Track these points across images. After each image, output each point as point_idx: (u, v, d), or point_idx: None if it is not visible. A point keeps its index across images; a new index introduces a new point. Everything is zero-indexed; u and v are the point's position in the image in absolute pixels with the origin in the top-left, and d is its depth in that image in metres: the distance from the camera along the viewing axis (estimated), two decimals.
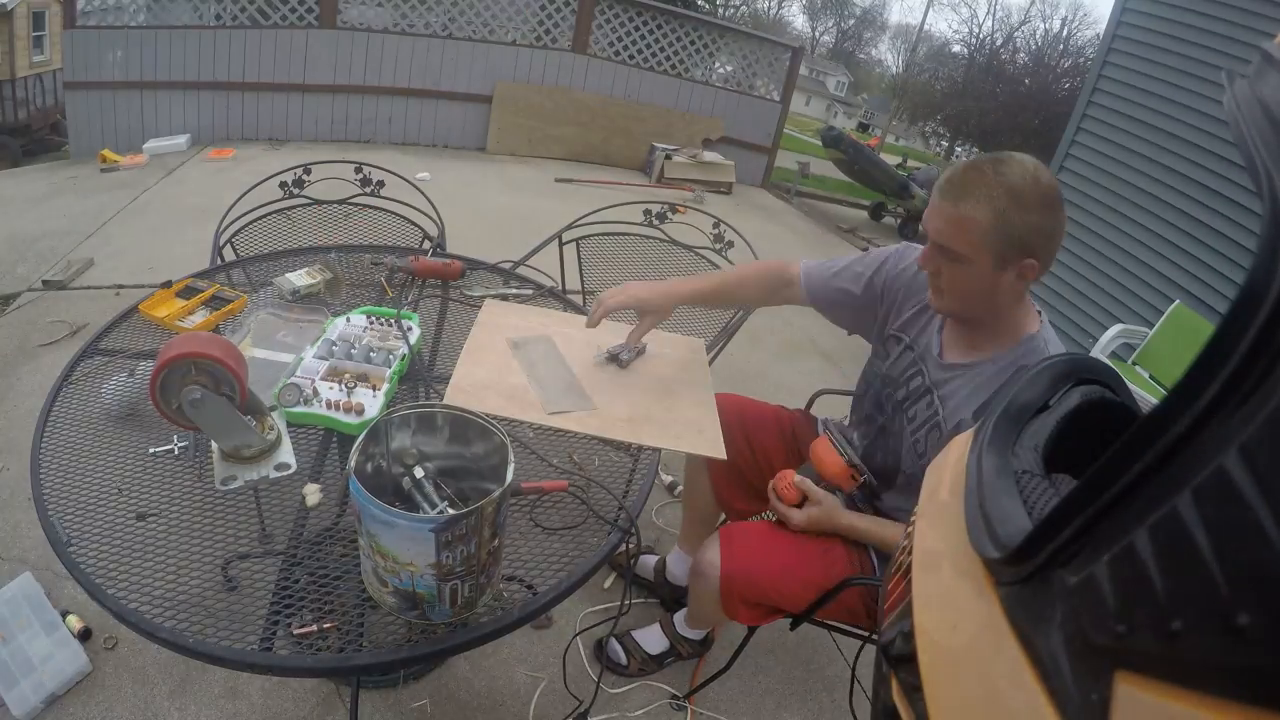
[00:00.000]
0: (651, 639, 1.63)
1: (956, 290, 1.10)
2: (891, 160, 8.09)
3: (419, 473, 0.91)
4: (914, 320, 1.27)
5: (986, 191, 1.00)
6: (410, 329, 1.27)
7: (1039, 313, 1.15)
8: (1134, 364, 3.30)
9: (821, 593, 1.21)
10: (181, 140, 5.28)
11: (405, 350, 1.21)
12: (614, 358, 1.34)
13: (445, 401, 1.11)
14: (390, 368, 1.16)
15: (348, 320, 1.28)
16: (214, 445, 0.98)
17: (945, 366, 1.19)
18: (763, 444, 1.49)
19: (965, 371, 1.16)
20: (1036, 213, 1.00)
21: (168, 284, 1.37)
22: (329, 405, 1.06)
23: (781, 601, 1.25)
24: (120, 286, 2.98)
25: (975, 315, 1.14)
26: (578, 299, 1.82)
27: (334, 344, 1.18)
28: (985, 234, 1.01)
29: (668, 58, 6.55)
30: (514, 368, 1.27)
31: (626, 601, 1.21)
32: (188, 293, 1.37)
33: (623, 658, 1.61)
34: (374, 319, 1.30)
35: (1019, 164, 1.01)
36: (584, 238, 2.06)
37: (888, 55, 47.59)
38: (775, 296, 1.44)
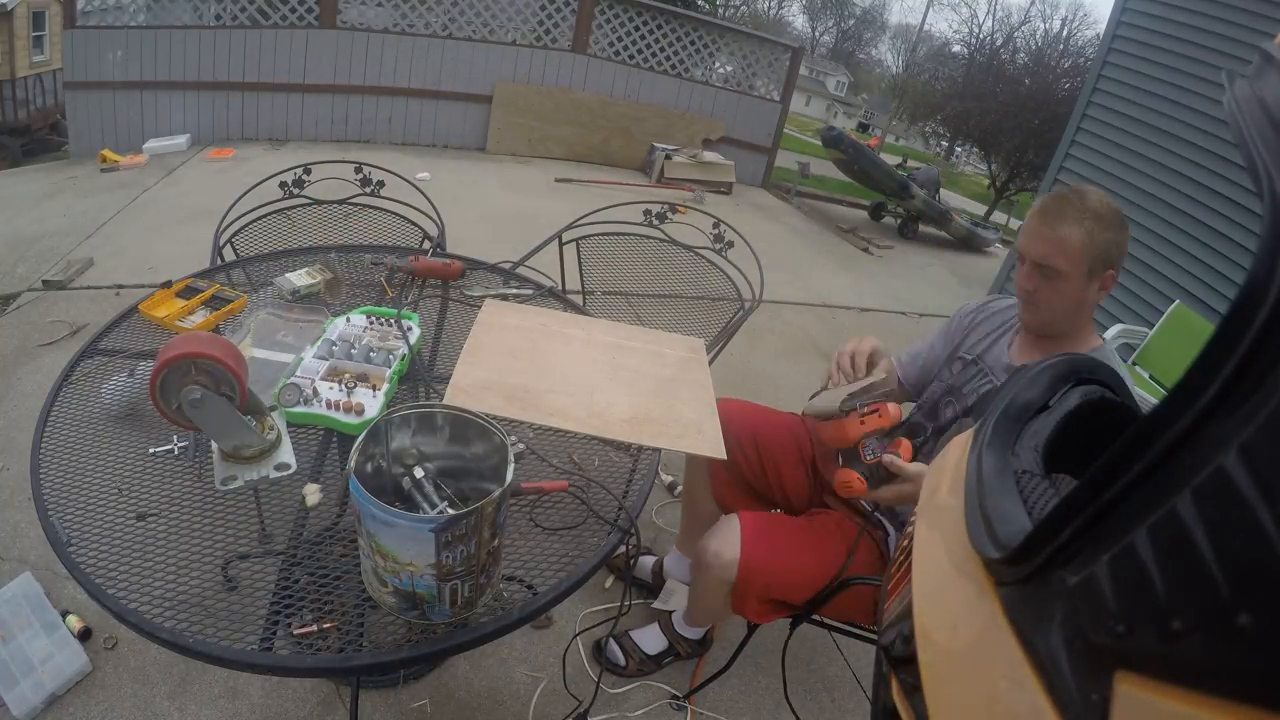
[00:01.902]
0: (650, 639, 1.63)
1: (1053, 303, 1.22)
2: (891, 160, 8.08)
3: (419, 473, 0.91)
4: (981, 343, 1.38)
5: (1076, 215, 1.16)
6: (410, 329, 1.27)
7: (1101, 338, 1.30)
8: (1134, 364, 3.30)
9: (828, 587, 1.22)
10: (181, 140, 5.28)
11: (405, 350, 1.21)
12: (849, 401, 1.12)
13: (445, 401, 1.11)
14: (390, 368, 1.16)
15: (348, 320, 1.28)
16: (214, 445, 0.98)
17: (1014, 368, 1.26)
18: (772, 450, 1.50)
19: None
20: (1114, 230, 1.17)
21: (168, 284, 1.37)
22: (329, 405, 1.06)
23: (793, 594, 1.25)
24: (120, 286, 2.98)
25: (1062, 328, 1.27)
26: (578, 299, 1.82)
27: (334, 344, 1.18)
28: (1080, 251, 1.16)
29: (668, 58, 6.55)
30: (514, 368, 1.27)
31: (625, 603, 1.21)
32: (188, 293, 1.37)
33: (621, 658, 1.61)
34: (374, 319, 1.30)
35: (1094, 192, 1.20)
36: (584, 238, 2.06)
37: (888, 55, 47.60)
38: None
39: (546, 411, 1.17)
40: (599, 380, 1.29)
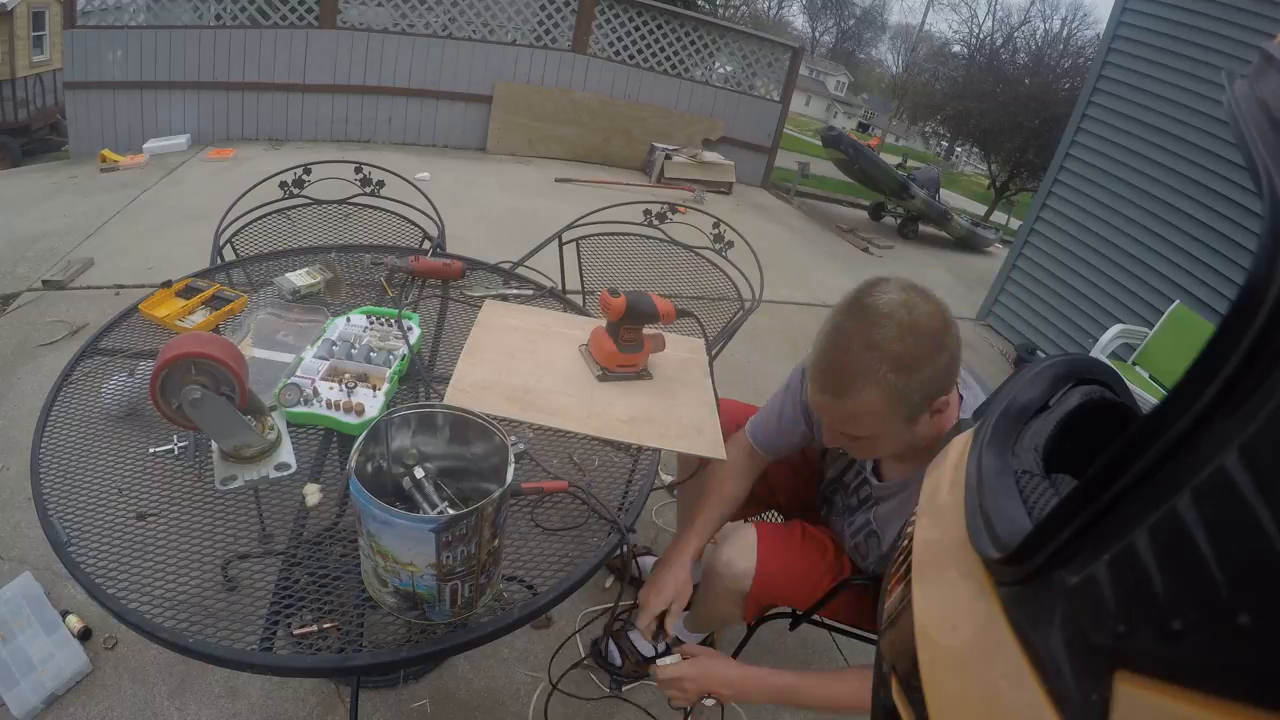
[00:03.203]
0: (648, 641, 1.62)
1: (874, 449, 1.11)
2: (891, 160, 8.09)
3: (419, 473, 0.91)
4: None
5: (868, 375, 0.91)
6: (410, 329, 1.27)
7: (960, 396, 1.07)
8: (1134, 364, 3.30)
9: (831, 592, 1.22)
10: (181, 140, 5.28)
11: (405, 350, 1.21)
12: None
13: (445, 402, 1.11)
14: (390, 368, 1.16)
15: (348, 320, 1.28)
16: (214, 445, 0.98)
17: (882, 486, 1.20)
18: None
19: (901, 490, 1.16)
20: (928, 363, 0.91)
21: (168, 283, 1.36)
22: (329, 405, 1.06)
23: (803, 602, 1.26)
24: (120, 286, 2.98)
25: (903, 456, 1.14)
26: (578, 299, 1.82)
27: (334, 344, 1.18)
28: (882, 412, 0.95)
29: (668, 58, 6.55)
30: (514, 368, 1.27)
31: (620, 604, 1.21)
32: (188, 292, 1.37)
33: (618, 658, 1.61)
34: (374, 319, 1.30)
35: (888, 316, 0.91)
36: (584, 238, 2.06)
37: (888, 55, 47.60)
38: (754, 475, 1.40)
39: (546, 411, 1.17)
40: (597, 381, 1.29)
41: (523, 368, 1.28)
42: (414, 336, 1.26)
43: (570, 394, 1.24)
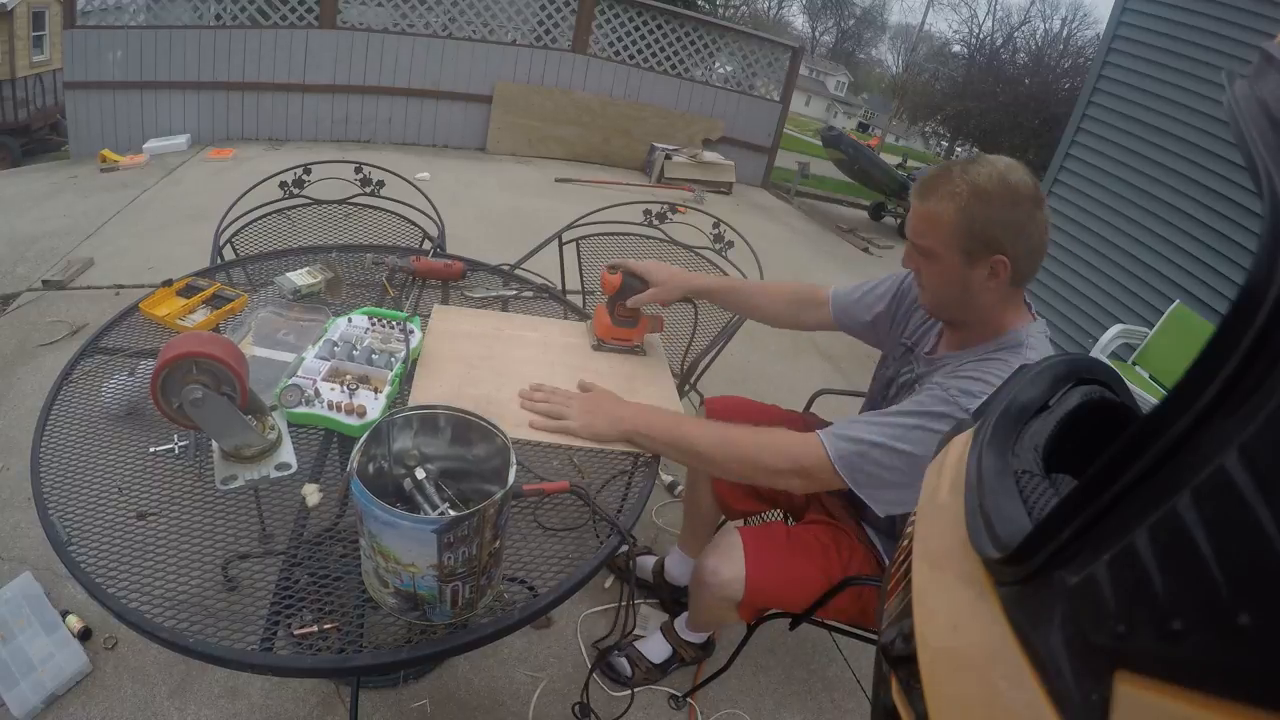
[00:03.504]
0: (654, 647, 1.62)
1: (933, 287, 1.12)
2: (891, 160, 8.09)
3: (420, 474, 0.91)
4: (919, 326, 1.30)
5: (950, 188, 1.03)
6: (412, 332, 1.26)
7: (1034, 315, 1.14)
8: (1134, 364, 3.30)
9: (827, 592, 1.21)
10: (181, 140, 5.28)
11: (405, 354, 1.21)
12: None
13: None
14: (392, 370, 1.16)
15: (349, 321, 1.27)
16: (214, 445, 0.98)
17: (930, 360, 1.21)
18: None
19: (949, 361, 1.15)
20: (1001, 208, 1.01)
21: (168, 282, 1.37)
22: (331, 406, 1.06)
23: (797, 605, 1.26)
24: (120, 286, 2.98)
25: (956, 315, 1.15)
26: (577, 299, 1.82)
27: (336, 345, 1.18)
28: (950, 229, 1.04)
29: (668, 58, 6.56)
30: (475, 378, 1.23)
31: (630, 621, 1.20)
32: (188, 291, 1.37)
33: (627, 669, 1.60)
34: (375, 320, 1.29)
35: (989, 164, 1.04)
36: (584, 238, 2.06)
37: (888, 55, 47.60)
38: (800, 316, 1.48)
39: (512, 423, 1.12)
40: (561, 385, 1.24)
41: (483, 377, 1.23)
42: (415, 340, 1.25)
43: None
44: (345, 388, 1.10)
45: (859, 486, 1.06)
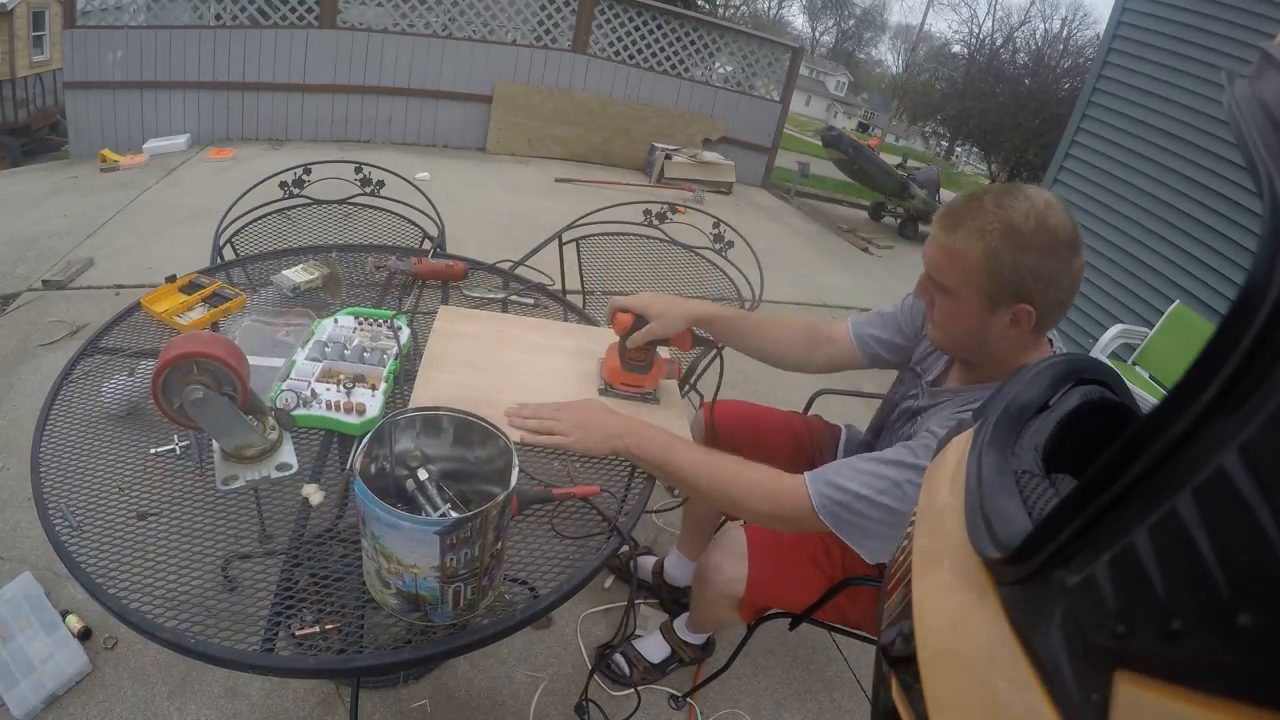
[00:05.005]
0: (653, 647, 1.62)
1: (947, 325, 1.05)
2: (891, 160, 8.08)
3: (423, 475, 0.91)
4: (927, 352, 1.25)
5: (980, 224, 0.93)
6: (400, 329, 1.26)
7: (1055, 350, 1.07)
8: (1134, 364, 3.30)
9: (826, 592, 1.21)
10: (181, 140, 5.28)
11: (397, 349, 1.21)
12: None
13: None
14: (385, 367, 1.16)
15: (335, 321, 1.27)
16: (215, 445, 0.98)
17: (934, 391, 1.16)
18: (770, 447, 1.49)
19: (955, 395, 1.11)
20: (1034, 254, 0.91)
21: (172, 278, 1.37)
22: (329, 406, 1.06)
23: (798, 605, 1.25)
24: (120, 286, 2.98)
25: (968, 356, 1.10)
26: (577, 299, 1.82)
27: (326, 346, 1.18)
28: (974, 270, 0.95)
29: (668, 58, 6.55)
30: (475, 381, 1.23)
31: (631, 623, 1.18)
32: (191, 288, 1.37)
33: (626, 669, 1.60)
34: (362, 319, 1.28)
35: (1026, 199, 0.93)
36: (584, 238, 2.06)
37: (888, 55, 47.65)
38: (811, 355, 1.39)
39: (507, 427, 1.13)
40: (564, 388, 1.23)
41: (484, 380, 1.23)
42: (404, 336, 1.25)
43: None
44: (341, 387, 1.10)
45: (843, 534, 1.01)
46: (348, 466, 0.97)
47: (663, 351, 1.32)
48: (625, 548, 1.02)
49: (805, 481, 1.04)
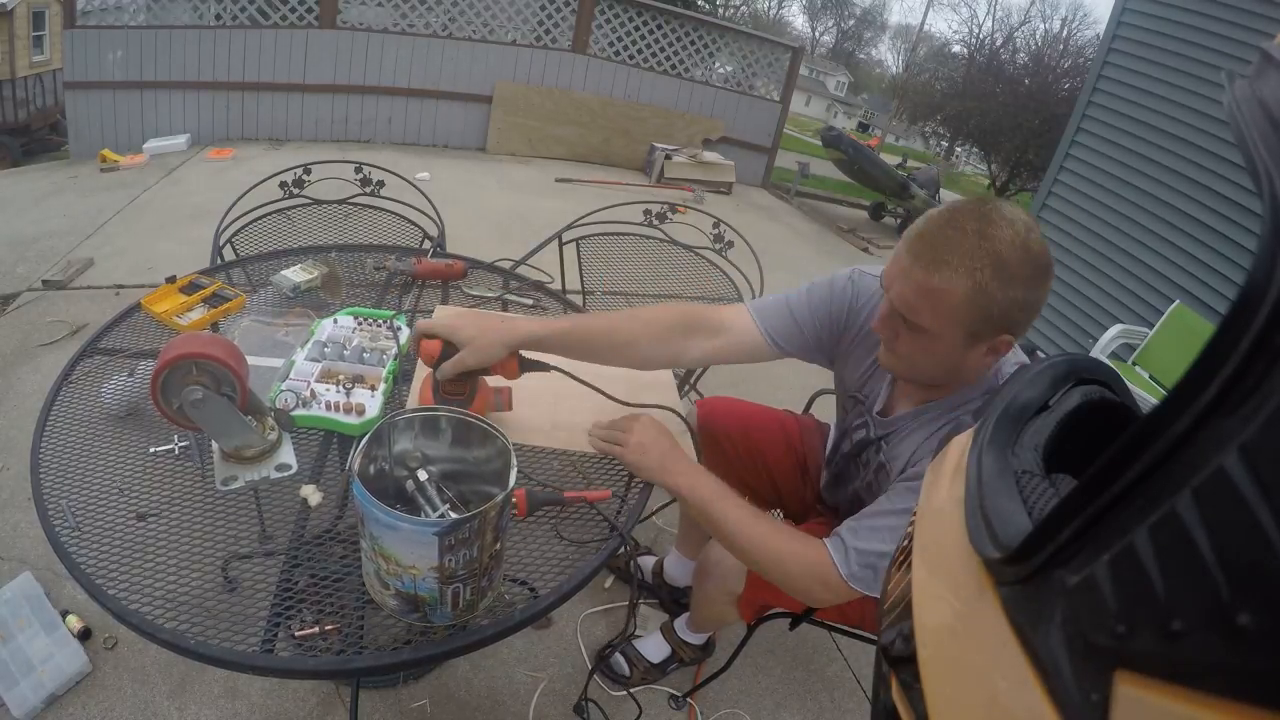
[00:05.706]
0: (653, 647, 1.62)
1: (914, 360, 0.97)
2: (891, 160, 8.09)
3: (422, 475, 0.91)
4: (866, 373, 1.16)
5: (969, 262, 0.85)
6: (399, 329, 1.26)
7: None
8: (1134, 364, 3.30)
9: None
10: (181, 140, 5.28)
11: (396, 350, 1.21)
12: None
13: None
14: (384, 367, 1.16)
15: (334, 322, 1.27)
16: (215, 445, 0.98)
17: (885, 423, 1.11)
18: (762, 445, 1.49)
19: (917, 419, 1.06)
20: (1022, 286, 0.85)
21: (173, 278, 1.37)
22: (328, 407, 1.06)
23: (795, 604, 1.25)
24: (120, 286, 2.98)
25: (933, 383, 1.03)
26: (578, 299, 1.82)
27: (325, 346, 1.18)
28: (958, 308, 0.87)
29: (668, 58, 6.55)
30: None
31: (632, 623, 1.18)
32: (191, 289, 1.37)
33: (626, 669, 1.60)
34: (362, 320, 1.28)
35: (1008, 225, 0.85)
36: (584, 238, 2.06)
37: (888, 55, 47.67)
38: (685, 344, 1.17)
39: (509, 428, 1.07)
40: (560, 388, 1.20)
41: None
42: (404, 336, 1.25)
43: (532, 405, 1.18)
44: (341, 387, 1.10)
45: (876, 592, 0.96)
46: (347, 467, 0.97)
47: (492, 379, 1.13)
48: (625, 548, 1.02)
49: (833, 556, 1.00)
